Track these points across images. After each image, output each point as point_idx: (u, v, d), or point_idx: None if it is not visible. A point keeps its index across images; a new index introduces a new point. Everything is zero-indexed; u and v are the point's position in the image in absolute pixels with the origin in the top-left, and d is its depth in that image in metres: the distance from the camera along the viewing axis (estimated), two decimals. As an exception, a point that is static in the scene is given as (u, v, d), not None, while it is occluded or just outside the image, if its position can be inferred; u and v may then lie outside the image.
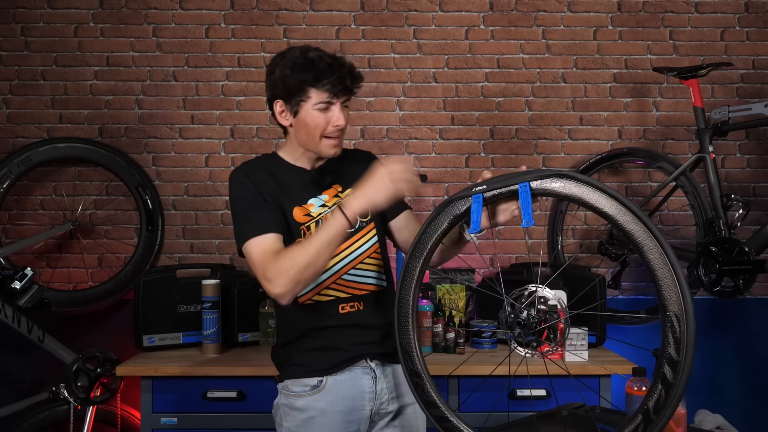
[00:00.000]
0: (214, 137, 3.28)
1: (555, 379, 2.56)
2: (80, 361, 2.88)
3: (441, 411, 1.66)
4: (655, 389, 1.42)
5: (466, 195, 1.65)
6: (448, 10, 3.31)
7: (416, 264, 1.70)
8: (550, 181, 1.56)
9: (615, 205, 1.49)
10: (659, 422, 1.42)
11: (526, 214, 1.56)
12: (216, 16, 3.29)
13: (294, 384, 1.89)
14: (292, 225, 1.88)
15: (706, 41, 3.33)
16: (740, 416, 3.10)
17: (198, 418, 2.63)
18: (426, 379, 1.68)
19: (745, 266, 2.76)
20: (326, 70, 1.81)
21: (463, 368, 2.56)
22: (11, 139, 3.24)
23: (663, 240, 1.45)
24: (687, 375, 1.41)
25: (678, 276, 1.42)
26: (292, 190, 1.90)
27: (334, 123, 1.85)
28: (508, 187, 1.60)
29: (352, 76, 1.85)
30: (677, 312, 1.41)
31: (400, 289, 1.72)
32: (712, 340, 3.28)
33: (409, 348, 1.70)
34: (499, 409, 2.47)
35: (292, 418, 1.88)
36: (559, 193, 1.55)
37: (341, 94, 1.84)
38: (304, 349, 1.90)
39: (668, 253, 1.44)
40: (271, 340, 2.86)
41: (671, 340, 1.41)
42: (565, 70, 3.33)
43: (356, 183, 1.80)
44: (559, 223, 3.27)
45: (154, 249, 3.19)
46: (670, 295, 1.42)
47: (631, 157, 3.17)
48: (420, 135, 3.29)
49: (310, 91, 1.83)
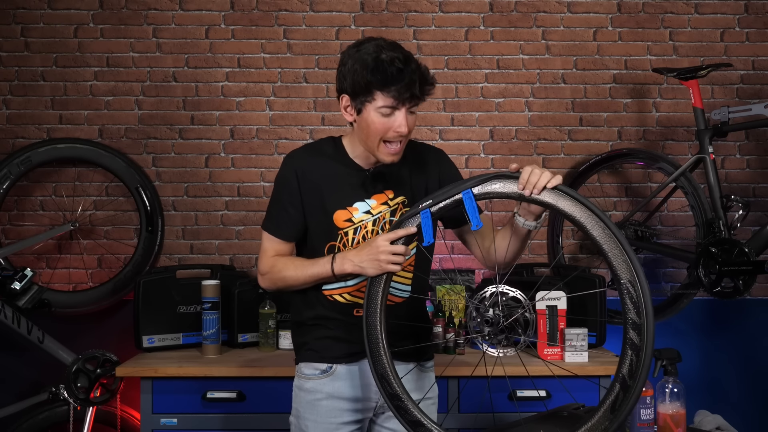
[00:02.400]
0: (213, 138, 3.28)
1: (555, 380, 2.56)
2: (80, 361, 2.88)
3: (427, 429, 1.70)
4: (626, 355, 1.52)
5: (414, 213, 1.76)
6: (447, 11, 3.31)
7: (378, 289, 1.77)
8: (489, 184, 1.70)
9: (553, 194, 1.64)
10: (636, 386, 1.51)
11: (474, 218, 1.69)
12: (216, 17, 3.29)
13: (306, 367, 1.96)
14: (330, 226, 1.90)
15: (706, 42, 3.33)
16: (740, 417, 3.10)
17: (198, 419, 2.63)
18: (407, 400, 1.72)
19: (745, 267, 2.76)
20: (395, 75, 1.74)
21: (463, 369, 2.57)
22: (11, 140, 3.24)
23: (602, 214, 1.57)
24: (652, 335, 1.51)
25: (623, 245, 1.55)
26: (342, 189, 1.91)
27: (395, 129, 1.79)
28: (452, 197, 1.73)
29: (422, 82, 1.77)
30: (630, 278, 1.53)
31: (366, 317, 1.78)
32: (712, 341, 3.28)
33: (384, 373, 1.75)
34: (498, 410, 2.47)
35: (300, 399, 1.95)
36: (500, 193, 1.69)
37: (408, 101, 1.78)
38: (319, 336, 1.95)
39: (609, 225, 1.57)
40: (271, 341, 2.86)
41: (630, 306, 1.52)
42: (565, 71, 3.33)
43: (411, 190, 1.92)
44: (559, 224, 3.27)
45: (153, 250, 3.19)
46: (620, 264, 1.55)
47: (631, 157, 3.18)
48: (420, 136, 3.29)
49: (376, 93, 1.77)
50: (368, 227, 1.91)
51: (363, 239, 1.90)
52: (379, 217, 1.91)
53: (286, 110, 3.29)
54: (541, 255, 3.32)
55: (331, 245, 1.91)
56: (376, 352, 1.75)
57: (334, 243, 1.91)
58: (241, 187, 3.28)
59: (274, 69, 3.29)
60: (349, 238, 1.90)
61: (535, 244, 3.33)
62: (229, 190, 3.28)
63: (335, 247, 1.91)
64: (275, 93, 3.29)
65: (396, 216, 1.92)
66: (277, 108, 3.29)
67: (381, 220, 1.91)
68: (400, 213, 1.92)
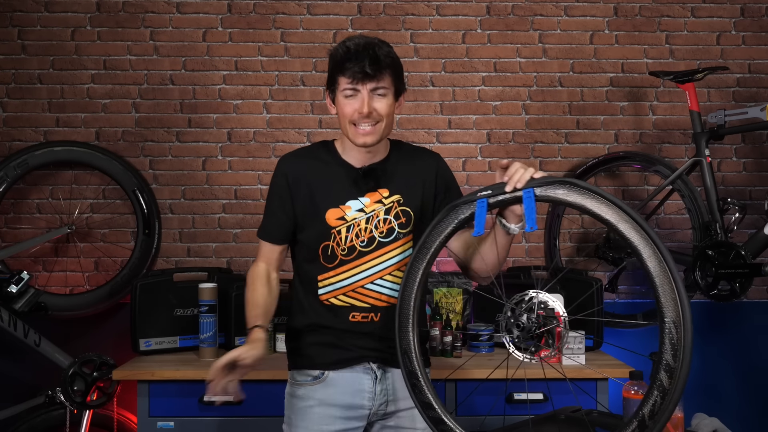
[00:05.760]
0: (211, 141, 3.28)
1: (552, 383, 2.55)
2: (76, 365, 2.87)
3: (437, 413, 1.67)
4: (651, 395, 1.43)
5: (470, 200, 1.69)
6: (444, 14, 3.32)
7: (419, 266, 1.72)
8: (553, 189, 1.60)
9: (615, 212, 1.52)
10: (654, 428, 1.43)
11: (530, 219, 1.59)
12: (213, 19, 3.29)
13: (298, 373, 1.95)
14: (323, 226, 1.89)
15: (702, 45, 3.34)
16: (737, 420, 3.09)
17: (195, 423, 2.62)
18: (423, 380, 1.69)
19: (742, 270, 2.77)
20: (347, 56, 1.80)
21: (460, 372, 2.56)
22: (8, 143, 3.23)
23: (662, 247, 1.46)
24: (683, 382, 1.41)
25: (676, 283, 1.43)
26: (333, 188, 1.91)
27: (358, 109, 1.82)
28: (513, 193, 1.64)
29: (371, 60, 1.79)
30: (675, 319, 1.42)
31: (402, 290, 1.73)
32: (709, 344, 3.28)
33: (408, 349, 1.71)
34: (496, 413, 2.47)
35: (292, 406, 1.94)
36: (562, 201, 1.59)
37: (365, 80, 1.80)
38: (310, 342, 1.94)
39: (667, 260, 1.45)
40: (268, 344, 2.85)
41: (668, 347, 1.42)
42: (562, 74, 3.33)
43: (407, 189, 1.90)
44: (557, 227, 3.27)
45: (150, 253, 3.18)
46: (668, 302, 1.43)
47: (628, 160, 3.18)
48: (417, 138, 3.30)
49: (339, 78, 1.84)
50: (361, 225, 1.89)
51: (356, 237, 1.88)
52: (372, 215, 1.90)
53: (283, 113, 3.29)
54: (538, 258, 3.32)
55: (325, 245, 1.89)
56: (405, 327, 1.71)
57: (328, 243, 1.89)
58: (239, 189, 3.28)
59: (271, 72, 3.29)
60: (342, 236, 1.88)
61: (532, 247, 3.33)
62: (226, 192, 3.28)
63: (329, 247, 1.89)
64: (272, 96, 3.29)
65: (390, 215, 1.90)
66: (275, 111, 3.29)
67: (375, 218, 1.89)
68: (394, 212, 1.91)
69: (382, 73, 1.81)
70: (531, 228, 1.59)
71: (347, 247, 1.88)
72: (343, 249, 1.88)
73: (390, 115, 1.87)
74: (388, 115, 1.85)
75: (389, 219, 1.89)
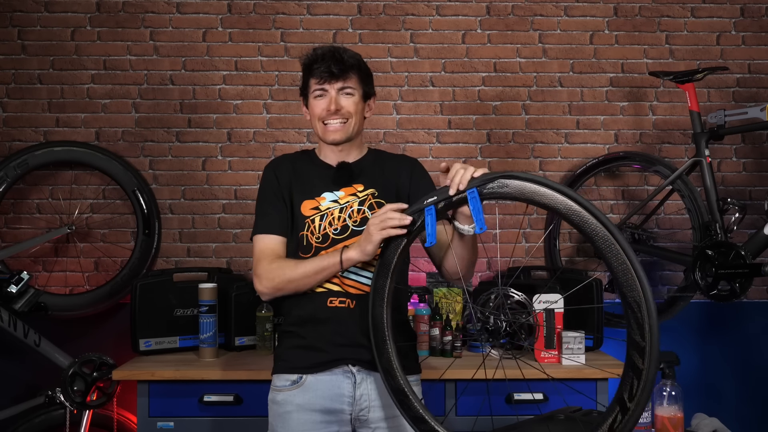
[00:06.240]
0: (211, 141, 3.28)
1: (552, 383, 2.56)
2: (76, 365, 2.87)
3: (430, 425, 1.67)
4: (627, 377, 1.45)
5: (419, 208, 1.69)
6: (445, 14, 3.32)
7: (384, 283, 1.74)
8: (492, 183, 1.58)
9: (565, 200, 1.50)
10: (635, 409, 1.44)
11: (478, 220, 1.58)
12: (213, 20, 3.29)
13: (278, 378, 1.96)
14: (298, 217, 1.95)
15: (702, 45, 3.34)
16: (737, 420, 3.10)
17: (194, 423, 2.62)
18: (410, 395, 1.70)
19: (742, 270, 2.76)
20: (314, 58, 1.94)
21: (460, 372, 2.56)
22: (8, 143, 3.23)
23: (614, 229, 1.46)
24: (656, 360, 1.42)
25: (633, 262, 1.44)
26: (309, 183, 1.99)
27: (326, 107, 1.93)
28: (457, 195, 1.63)
29: (336, 61, 1.91)
30: (636, 298, 1.43)
31: (372, 309, 1.75)
32: (709, 344, 3.28)
33: (389, 367, 1.72)
34: (495, 413, 2.47)
35: (273, 412, 1.95)
36: (506, 194, 1.57)
37: (331, 80, 1.92)
38: (289, 345, 1.96)
39: (620, 241, 1.45)
40: (268, 344, 2.85)
41: (635, 327, 1.44)
42: (562, 74, 3.33)
43: (382, 185, 1.95)
44: (556, 227, 3.27)
45: (150, 253, 3.18)
46: (628, 281, 1.44)
47: (628, 160, 3.18)
48: (417, 139, 3.30)
49: (309, 81, 1.97)
50: (335, 214, 1.95)
51: (329, 225, 1.93)
52: (346, 205, 1.96)
53: (283, 113, 3.29)
54: (538, 258, 3.32)
55: (300, 236, 1.95)
56: (382, 346, 1.72)
57: (303, 233, 1.95)
58: (238, 190, 3.28)
59: (271, 72, 3.29)
60: (315, 225, 1.94)
61: (532, 247, 3.33)
62: (226, 193, 3.28)
63: (304, 236, 1.94)
64: (272, 96, 3.29)
65: (365, 206, 1.96)
66: (275, 111, 3.29)
67: (348, 208, 1.95)
68: (368, 203, 1.96)
69: (347, 73, 1.93)
70: (480, 229, 1.57)
71: (321, 234, 1.94)
72: (318, 237, 1.94)
73: (359, 113, 1.97)
74: (356, 113, 1.96)
75: (363, 209, 1.95)
